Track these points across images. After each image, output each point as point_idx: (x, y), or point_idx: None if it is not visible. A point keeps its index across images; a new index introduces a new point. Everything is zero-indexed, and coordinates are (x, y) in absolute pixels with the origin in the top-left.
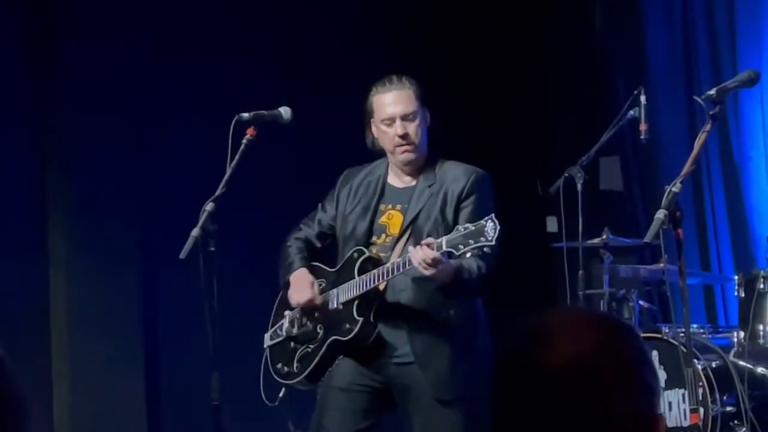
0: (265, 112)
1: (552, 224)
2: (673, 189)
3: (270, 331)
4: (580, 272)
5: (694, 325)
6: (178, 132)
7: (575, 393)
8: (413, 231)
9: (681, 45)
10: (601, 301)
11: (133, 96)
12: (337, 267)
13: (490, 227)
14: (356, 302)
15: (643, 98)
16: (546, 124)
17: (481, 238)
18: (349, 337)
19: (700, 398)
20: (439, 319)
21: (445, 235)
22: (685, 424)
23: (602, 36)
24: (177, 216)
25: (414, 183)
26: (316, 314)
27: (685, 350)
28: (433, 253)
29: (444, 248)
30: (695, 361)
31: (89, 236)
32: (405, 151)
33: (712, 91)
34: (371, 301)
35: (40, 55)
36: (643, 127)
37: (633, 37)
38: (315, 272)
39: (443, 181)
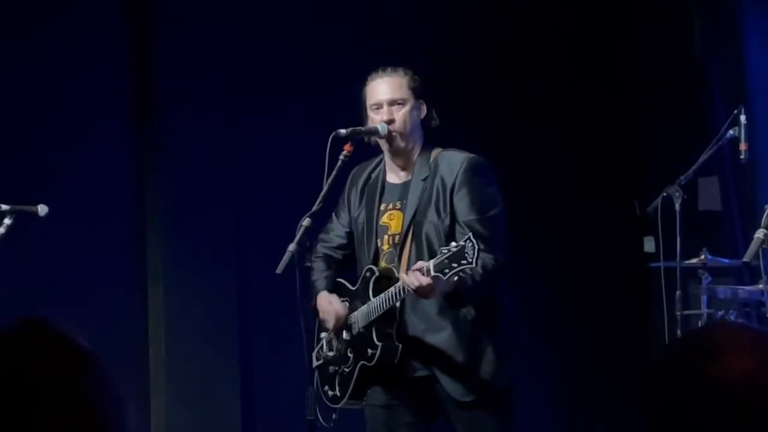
0: (362, 128)
1: (649, 244)
2: None
3: (315, 351)
4: (678, 293)
5: None
6: (274, 147)
7: (747, 408)
8: (414, 234)
9: None
10: (699, 323)
11: (230, 110)
12: (356, 285)
13: (470, 248)
14: (374, 326)
15: (743, 117)
16: (644, 144)
17: (462, 261)
18: (374, 362)
19: None
20: (451, 326)
21: (445, 238)
22: None
23: (701, 54)
24: (272, 231)
25: (409, 178)
26: (344, 335)
27: None
28: (426, 279)
29: (432, 273)
30: None
31: (186, 251)
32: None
33: None
34: (389, 322)
35: (138, 62)
36: (742, 146)
37: (733, 55)
38: (339, 291)
39: (436, 173)
